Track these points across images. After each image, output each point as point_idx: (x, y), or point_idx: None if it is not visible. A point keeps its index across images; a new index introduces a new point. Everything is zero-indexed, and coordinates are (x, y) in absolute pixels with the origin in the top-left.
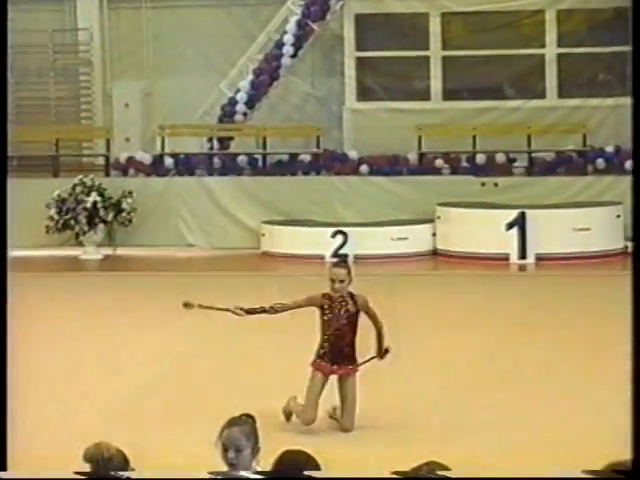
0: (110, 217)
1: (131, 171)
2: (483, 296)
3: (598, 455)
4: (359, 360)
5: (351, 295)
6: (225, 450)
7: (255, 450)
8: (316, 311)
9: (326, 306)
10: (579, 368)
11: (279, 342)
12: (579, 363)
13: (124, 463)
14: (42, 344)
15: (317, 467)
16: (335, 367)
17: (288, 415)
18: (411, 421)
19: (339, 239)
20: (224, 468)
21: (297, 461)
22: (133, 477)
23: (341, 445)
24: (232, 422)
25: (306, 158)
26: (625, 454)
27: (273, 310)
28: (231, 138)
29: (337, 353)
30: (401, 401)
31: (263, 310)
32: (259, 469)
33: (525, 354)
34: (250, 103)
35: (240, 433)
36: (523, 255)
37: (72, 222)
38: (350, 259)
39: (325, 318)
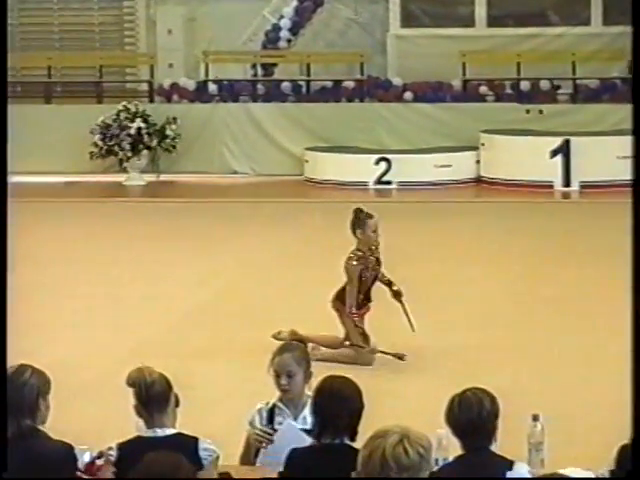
0: (154, 143)
1: (175, 97)
2: (527, 224)
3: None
4: None
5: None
6: (277, 376)
7: (307, 375)
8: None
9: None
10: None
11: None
12: (618, 292)
13: (167, 388)
14: (83, 270)
15: (359, 392)
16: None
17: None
18: (453, 355)
19: (383, 166)
20: (265, 397)
21: (338, 386)
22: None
23: (383, 375)
24: (283, 348)
25: (350, 85)
26: None
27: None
28: (275, 64)
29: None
30: (439, 330)
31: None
32: (310, 394)
33: (568, 282)
34: (294, 29)
35: (291, 359)
36: (567, 183)
37: (116, 148)
38: (394, 186)
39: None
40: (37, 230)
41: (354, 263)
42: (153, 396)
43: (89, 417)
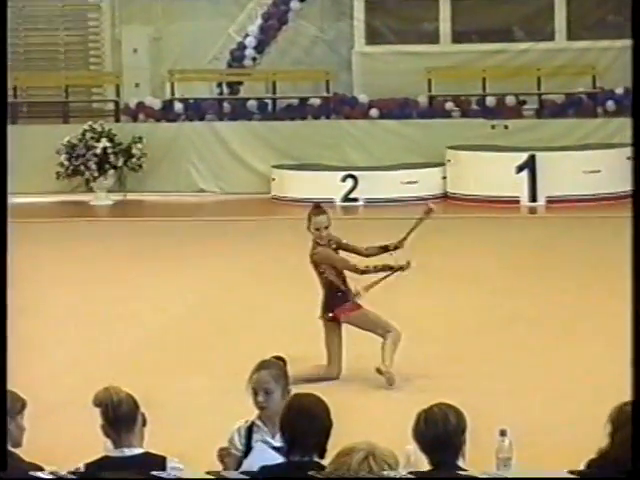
0: (120, 163)
1: (141, 116)
2: (494, 239)
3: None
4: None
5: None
6: (255, 393)
7: (285, 392)
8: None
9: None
10: (584, 312)
11: (292, 292)
12: (584, 307)
13: (134, 407)
14: (52, 290)
15: (327, 410)
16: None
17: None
18: (421, 370)
19: (349, 183)
20: (237, 415)
21: (307, 404)
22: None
23: (352, 391)
24: (261, 365)
25: (316, 102)
26: None
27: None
28: (240, 83)
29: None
30: (408, 345)
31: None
32: None
33: (537, 295)
34: (259, 48)
35: (269, 376)
36: (533, 198)
37: (82, 168)
38: (360, 203)
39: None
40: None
41: (319, 249)
42: (120, 416)
43: (59, 436)
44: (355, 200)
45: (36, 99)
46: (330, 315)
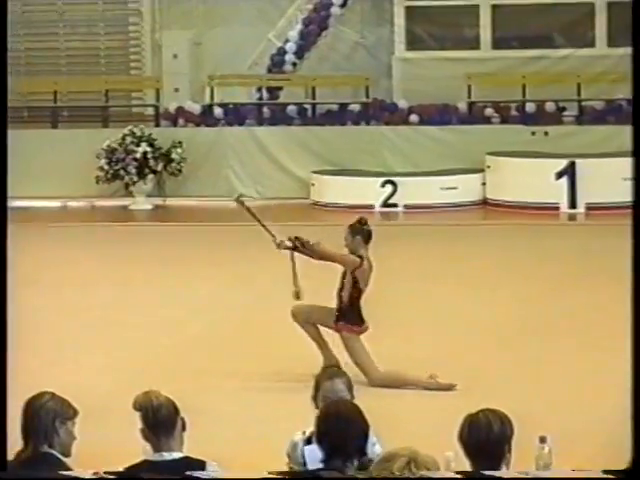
0: (160, 167)
1: (180, 121)
2: (533, 246)
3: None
4: None
5: None
6: (325, 402)
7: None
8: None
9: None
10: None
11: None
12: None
13: (173, 411)
14: (90, 294)
15: (362, 414)
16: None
17: None
18: (459, 372)
19: (388, 189)
20: (275, 420)
21: (344, 410)
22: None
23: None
24: (331, 374)
25: (355, 108)
26: None
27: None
28: (280, 88)
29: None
30: (446, 352)
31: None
32: None
33: (575, 304)
34: (299, 53)
35: (343, 385)
36: (573, 204)
37: (122, 172)
38: (400, 208)
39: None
40: (43, 254)
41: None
42: (160, 420)
43: (96, 441)
44: (394, 206)
45: (76, 104)
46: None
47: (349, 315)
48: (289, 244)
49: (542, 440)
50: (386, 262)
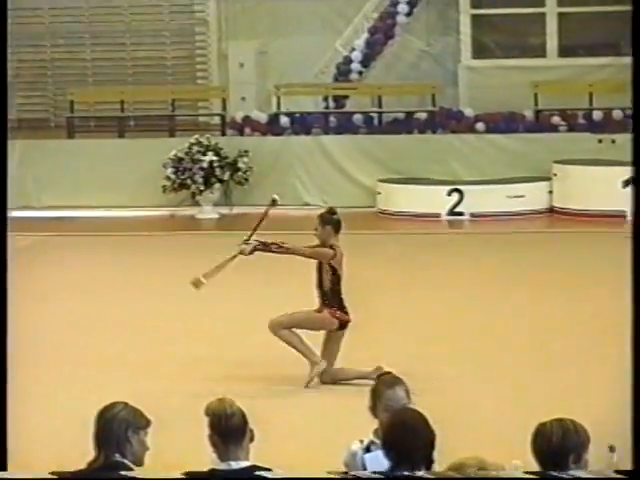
0: (226, 176)
1: (247, 130)
2: (599, 254)
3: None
4: None
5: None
6: (387, 410)
7: None
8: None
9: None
10: None
11: (399, 306)
12: None
13: (244, 421)
14: (160, 303)
15: (427, 422)
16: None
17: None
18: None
19: (455, 197)
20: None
21: (410, 419)
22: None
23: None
24: (391, 383)
25: (422, 116)
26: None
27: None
28: (346, 97)
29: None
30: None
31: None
32: None
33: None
34: (365, 62)
35: (403, 392)
36: None
37: (189, 181)
38: (466, 217)
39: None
40: (111, 263)
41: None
42: (232, 428)
43: (164, 450)
44: (461, 214)
45: (143, 113)
46: None
47: (333, 301)
48: (251, 246)
49: (611, 449)
50: (452, 270)
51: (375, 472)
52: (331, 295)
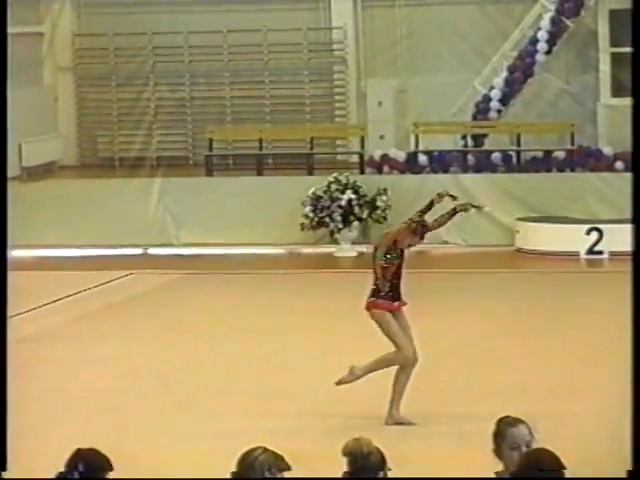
0: (365, 214)
1: (385, 168)
2: None
3: None
4: None
5: None
6: (513, 449)
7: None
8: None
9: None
10: None
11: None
12: None
13: (382, 461)
14: (298, 340)
15: (560, 461)
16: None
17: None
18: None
19: (594, 236)
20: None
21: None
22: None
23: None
24: (513, 422)
25: (560, 155)
26: None
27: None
28: (485, 135)
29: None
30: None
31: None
32: None
33: None
34: (504, 100)
35: (526, 429)
36: None
37: (327, 219)
38: (605, 255)
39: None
40: (249, 301)
41: None
42: (368, 467)
43: None
44: (600, 253)
45: (281, 151)
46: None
47: None
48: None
49: None
50: (593, 309)
51: None
52: None
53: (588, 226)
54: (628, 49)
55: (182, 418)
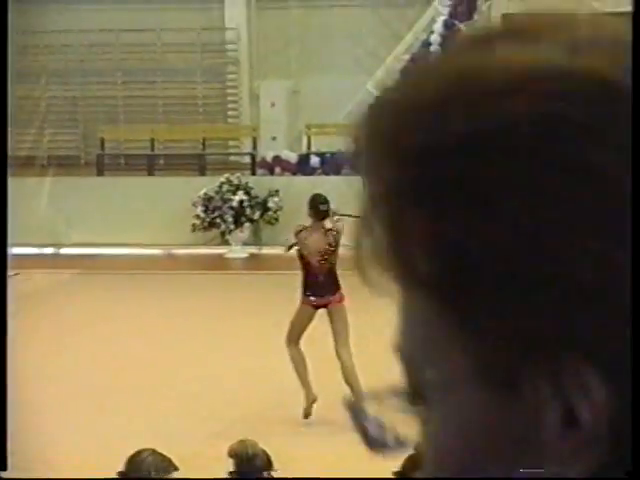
0: (256, 216)
1: (277, 170)
2: None
3: None
4: None
5: None
6: None
7: None
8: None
9: None
10: None
11: None
12: None
13: (267, 463)
14: (186, 343)
15: None
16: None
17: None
18: None
19: None
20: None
21: None
22: None
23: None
24: None
25: None
26: None
27: None
28: None
29: None
30: None
31: None
32: None
33: None
34: None
35: None
36: None
37: (218, 220)
38: None
39: None
40: (138, 302)
41: None
42: (253, 470)
43: None
44: None
45: (173, 152)
46: None
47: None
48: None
49: None
50: None
51: None
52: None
53: None
54: None
55: (70, 418)
